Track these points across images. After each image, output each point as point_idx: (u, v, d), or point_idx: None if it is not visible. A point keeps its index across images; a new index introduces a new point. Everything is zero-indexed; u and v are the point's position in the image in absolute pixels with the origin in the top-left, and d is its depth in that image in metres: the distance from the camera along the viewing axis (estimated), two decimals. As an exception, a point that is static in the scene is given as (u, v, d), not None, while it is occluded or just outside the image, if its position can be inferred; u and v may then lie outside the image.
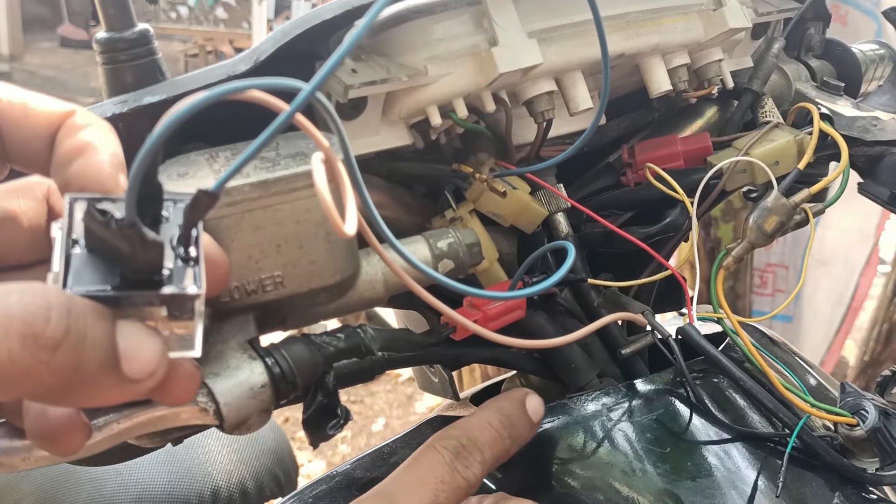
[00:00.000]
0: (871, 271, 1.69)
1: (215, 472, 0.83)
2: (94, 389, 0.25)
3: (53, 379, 0.23)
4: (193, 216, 0.26)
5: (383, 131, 0.46)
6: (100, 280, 0.25)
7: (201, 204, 0.26)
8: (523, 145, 0.52)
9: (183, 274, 0.26)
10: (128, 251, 0.24)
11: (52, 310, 0.23)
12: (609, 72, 0.43)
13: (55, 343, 0.23)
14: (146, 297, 0.25)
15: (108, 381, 0.25)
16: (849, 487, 0.44)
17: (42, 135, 0.29)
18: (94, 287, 0.25)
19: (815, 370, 0.57)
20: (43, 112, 0.29)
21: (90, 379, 0.24)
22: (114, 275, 0.25)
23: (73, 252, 0.25)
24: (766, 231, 0.50)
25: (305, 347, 0.37)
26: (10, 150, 0.29)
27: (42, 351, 0.23)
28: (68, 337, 0.23)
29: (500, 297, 0.42)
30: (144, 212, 0.26)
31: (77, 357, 0.24)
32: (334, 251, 0.38)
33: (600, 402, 0.47)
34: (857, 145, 0.55)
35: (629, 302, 0.53)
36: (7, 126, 0.29)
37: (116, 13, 0.41)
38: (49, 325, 0.23)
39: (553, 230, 0.54)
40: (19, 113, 0.29)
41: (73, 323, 0.23)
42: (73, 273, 0.25)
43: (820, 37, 0.64)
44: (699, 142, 0.56)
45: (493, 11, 0.45)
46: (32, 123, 0.29)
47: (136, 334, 0.25)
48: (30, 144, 0.29)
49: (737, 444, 0.46)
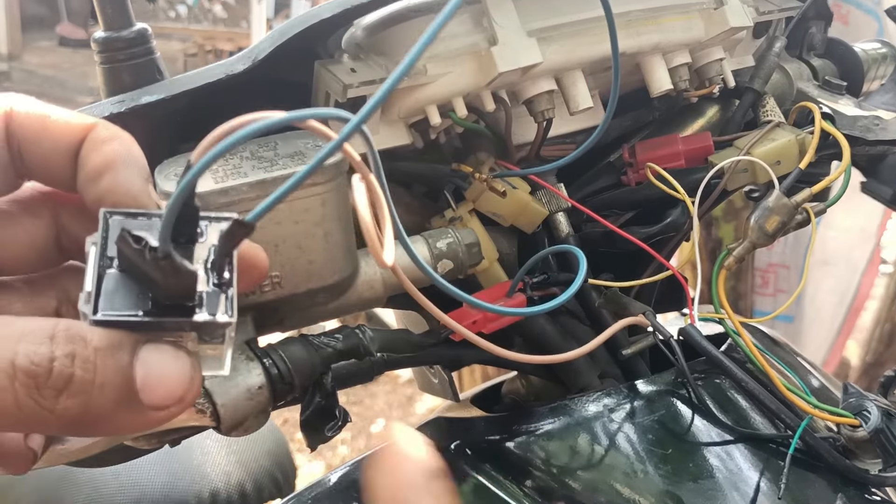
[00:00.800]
0: (873, 271, 1.69)
1: (214, 474, 0.82)
2: (112, 423, 0.25)
3: (61, 422, 0.23)
4: (228, 245, 0.26)
5: (382, 131, 0.46)
6: (132, 304, 0.24)
7: (237, 234, 0.25)
8: (523, 145, 0.52)
9: (216, 300, 0.25)
10: (161, 281, 0.24)
11: (55, 361, 0.23)
12: (619, 71, 0.42)
13: (57, 392, 0.23)
14: (178, 323, 0.25)
15: (126, 414, 0.25)
16: (851, 489, 0.44)
17: (62, 149, 0.28)
18: (125, 312, 0.24)
19: (818, 371, 0.56)
20: (63, 125, 0.29)
21: (105, 416, 0.24)
22: (146, 299, 0.25)
23: (106, 273, 0.25)
24: (767, 231, 0.50)
25: (303, 348, 0.37)
26: (29, 165, 0.29)
27: (45, 399, 0.23)
28: (72, 384, 0.23)
29: (491, 309, 0.41)
30: (180, 231, 0.25)
31: (83, 401, 0.23)
32: (332, 251, 0.38)
33: (601, 403, 0.47)
34: (859, 145, 0.55)
35: (630, 302, 0.53)
36: (26, 140, 0.28)
37: (114, 13, 0.41)
38: (51, 376, 0.23)
39: (553, 230, 0.53)
40: (38, 126, 0.28)
41: (77, 370, 0.23)
42: (104, 295, 0.24)
43: (822, 36, 0.64)
44: (700, 141, 0.56)
45: (493, 10, 0.45)
46: (52, 137, 0.28)
47: (161, 361, 0.25)
48: (50, 159, 0.29)
49: (739, 446, 0.45)
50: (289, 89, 0.45)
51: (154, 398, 0.24)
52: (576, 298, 0.54)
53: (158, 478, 0.79)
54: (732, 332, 0.50)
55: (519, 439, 0.46)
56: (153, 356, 0.25)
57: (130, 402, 0.24)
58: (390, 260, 0.27)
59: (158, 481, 0.79)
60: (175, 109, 0.40)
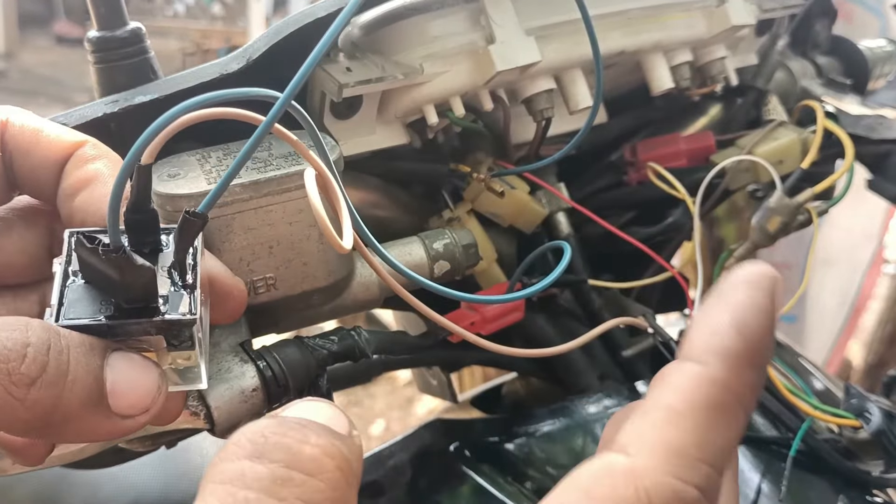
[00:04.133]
0: (876, 271, 1.68)
1: (212, 475, 0.82)
2: (79, 425, 0.24)
3: (30, 415, 0.23)
4: (183, 239, 0.25)
5: (379, 130, 0.46)
6: (94, 311, 0.25)
7: (190, 225, 0.25)
8: (522, 144, 0.52)
9: (178, 300, 0.25)
10: (118, 278, 0.24)
11: (29, 346, 0.23)
12: (602, 69, 0.42)
13: (30, 380, 0.23)
14: (140, 325, 0.25)
15: (94, 418, 0.24)
16: (853, 490, 0.44)
17: (49, 164, 0.29)
18: (87, 318, 0.24)
19: (819, 372, 0.56)
20: (54, 140, 0.29)
21: (73, 415, 0.24)
22: (109, 305, 0.25)
23: (69, 285, 0.25)
24: (769, 232, 0.50)
25: (298, 350, 0.37)
26: (18, 177, 0.29)
27: (16, 388, 0.23)
28: (45, 374, 0.23)
29: (478, 300, 0.41)
30: (141, 241, 0.25)
31: (54, 394, 0.23)
32: (327, 253, 0.38)
33: (601, 404, 0.47)
34: (863, 143, 0.54)
35: (630, 304, 0.53)
36: (17, 152, 0.29)
37: (108, 12, 0.41)
38: (24, 361, 0.23)
39: (553, 230, 0.53)
40: (30, 140, 0.29)
41: (52, 360, 0.23)
42: (67, 304, 0.25)
43: (826, 33, 0.63)
44: (702, 140, 0.56)
45: (491, 9, 0.44)
46: (42, 152, 0.29)
47: (130, 368, 0.25)
48: (37, 172, 0.29)
49: (740, 447, 0.45)
50: (284, 88, 0.45)
51: (122, 405, 0.24)
52: (576, 299, 0.53)
53: (156, 480, 0.79)
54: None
55: (519, 440, 0.46)
56: (122, 363, 0.25)
57: (99, 406, 0.24)
58: (348, 245, 0.26)
59: (156, 483, 0.78)
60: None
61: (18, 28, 4.77)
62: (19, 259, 0.31)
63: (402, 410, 2.04)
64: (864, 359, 1.68)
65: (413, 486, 0.48)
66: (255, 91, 0.26)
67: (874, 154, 0.56)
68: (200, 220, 0.25)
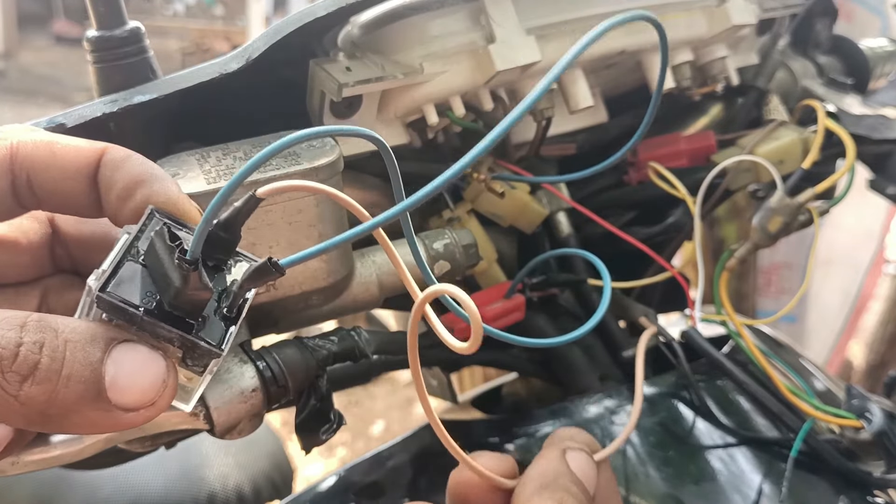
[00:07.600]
0: (877, 271, 1.68)
1: (211, 477, 0.82)
2: (79, 418, 0.24)
3: (25, 410, 0.23)
4: (253, 280, 0.25)
5: (379, 130, 0.46)
6: (137, 298, 0.24)
7: (265, 272, 0.25)
8: (522, 144, 0.52)
9: (217, 330, 0.25)
10: (178, 285, 0.24)
11: (23, 342, 0.23)
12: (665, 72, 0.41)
13: (21, 378, 0.23)
14: (170, 333, 0.24)
15: (94, 412, 0.24)
16: (854, 491, 0.44)
17: (73, 175, 0.28)
18: (129, 300, 0.24)
19: (820, 372, 0.56)
20: (72, 151, 0.29)
21: (70, 409, 0.24)
22: (152, 299, 0.25)
23: (127, 261, 0.25)
24: (770, 232, 0.49)
25: (297, 351, 0.37)
26: (39, 193, 0.29)
27: (9, 384, 0.23)
28: (37, 371, 0.23)
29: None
30: (212, 255, 0.25)
31: (48, 390, 0.23)
32: (327, 253, 0.37)
33: (602, 404, 0.46)
34: (864, 143, 0.54)
35: (631, 303, 0.52)
36: (34, 169, 0.28)
37: (107, 11, 0.41)
38: (15, 360, 0.23)
39: (554, 230, 0.53)
40: (46, 155, 0.28)
41: (44, 357, 0.23)
42: (117, 279, 0.24)
43: (827, 32, 0.63)
44: (703, 140, 0.56)
45: (491, 8, 0.44)
46: (60, 164, 0.28)
47: (137, 360, 0.25)
48: (60, 185, 0.29)
49: (741, 448, 0.45)
50: (283, 88, 0.45)
51: (123, 398, 0.24)
52: (576, 299, 0.53)
53: (156, 480, 0.78)
54: (734, 335, 0.49)
55: (519, 441, 0.46)
56: (127, 356, 0.24)
57: (97, 399, 0.24)
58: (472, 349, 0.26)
59: (156, 484, 0.78)
60: (168, 109, 0.40)
61: (17, 27, 4.77)
62: (22, 258, 0.31)
63: (402, 411, 2.03)
64: (865, 359, 1.68)
65: (413, 487, 0.48)
66: (357, 130, 0.26)
67: (875, 154, 0.55)
68: (278, 272, 0.25)
